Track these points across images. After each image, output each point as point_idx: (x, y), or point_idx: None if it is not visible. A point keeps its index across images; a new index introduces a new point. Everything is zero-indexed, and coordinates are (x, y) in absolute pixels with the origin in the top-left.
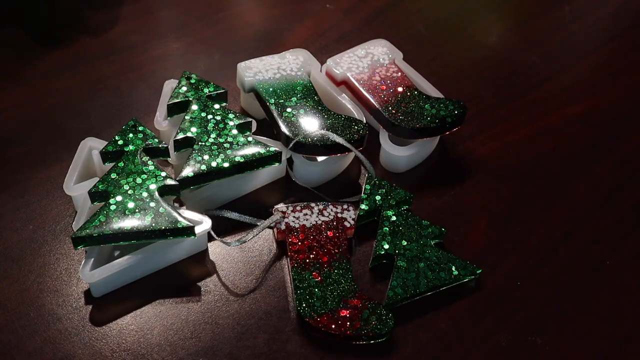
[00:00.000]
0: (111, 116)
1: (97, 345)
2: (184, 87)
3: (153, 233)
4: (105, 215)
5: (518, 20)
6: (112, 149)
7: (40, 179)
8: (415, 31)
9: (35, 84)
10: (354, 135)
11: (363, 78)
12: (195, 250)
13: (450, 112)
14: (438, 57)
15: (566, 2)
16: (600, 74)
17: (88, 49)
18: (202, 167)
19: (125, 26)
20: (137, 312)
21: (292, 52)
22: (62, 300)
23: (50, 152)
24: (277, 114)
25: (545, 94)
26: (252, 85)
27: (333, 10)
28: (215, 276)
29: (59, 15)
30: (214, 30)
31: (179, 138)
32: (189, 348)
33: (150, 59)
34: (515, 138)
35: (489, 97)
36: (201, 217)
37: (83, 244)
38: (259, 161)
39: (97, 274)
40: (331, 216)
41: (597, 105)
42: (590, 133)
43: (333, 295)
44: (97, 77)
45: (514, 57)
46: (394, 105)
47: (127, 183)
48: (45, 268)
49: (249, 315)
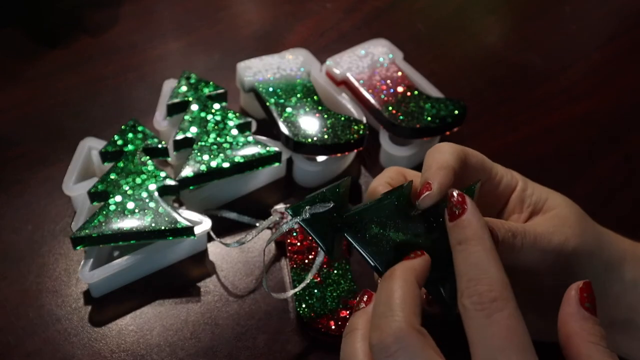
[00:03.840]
0: (111, 116)
1: (96, 345)
2: (184, 87)
3: (152, 233)
4: (105, 216)
5: (518, 20)
6: (112, 149)
7: (39, 179)
8: (415, 31)
9: (35, 84)
10: (354, 135)
11: (363, 78)
12: (194, 251)
13: (450, 112)
14: (438, 57)
15: (566, 2)
16: (600, 74)
17: (88, 49)
18: (202, 167)
19: (125, 26)
20: (136, 313)
21: (292, 52)
22: (61, 301)
23: (49, 152)
24: (277, 114)
25: (545, 94)
26: (252, 85)
27: (333, 10)
28: (214, 277)
29: (59, 15)
30: (214, 30)
31: (178, 138)
32: (189, 348)
33: (150, 59)
34: (515, 138)
35: (489, 97)
36: (201, 218)
37: (82, 244)
38: (259, 161)
39: (96, 275)
40: None
41: (597, 105)
42: (590, 133)
43: (332, 295)
44: (97, 77)
45: (514, 57)
46: (394, 105)
47: (127, 183)
48: (45, 268)
49: (249, 315)
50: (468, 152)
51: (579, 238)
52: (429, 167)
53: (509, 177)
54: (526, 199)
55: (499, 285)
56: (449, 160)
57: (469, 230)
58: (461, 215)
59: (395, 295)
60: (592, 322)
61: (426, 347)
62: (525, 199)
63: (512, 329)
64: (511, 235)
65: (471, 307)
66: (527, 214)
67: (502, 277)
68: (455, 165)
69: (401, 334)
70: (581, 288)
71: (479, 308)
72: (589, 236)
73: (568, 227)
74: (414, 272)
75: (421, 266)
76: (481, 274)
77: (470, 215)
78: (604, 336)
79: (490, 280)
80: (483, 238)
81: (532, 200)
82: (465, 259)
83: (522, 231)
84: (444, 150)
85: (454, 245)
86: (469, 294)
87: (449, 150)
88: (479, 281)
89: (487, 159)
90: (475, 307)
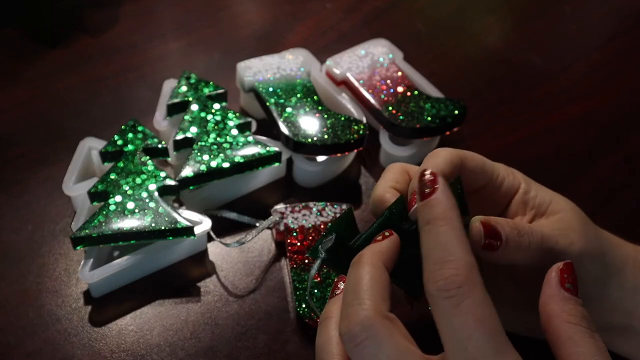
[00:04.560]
0: (111, 116)
1: (96, 345)
2: (184, 87)
3: (152, 233)
4: (105, 216)
5: (518, 20)
6: (112, 149)
7: (39, 179)
8: (415, 31)
9: (35, 84)
10: (354, 135)
11: (363, 78)
12: (194, 251)
13: (450, 112)
14: (438, 57)
15: (566, 2)
16: (600, 74)
17: (88, 49)
18: (202, 167)
19: (125, 26)
20: (136, 313)
21: (292, 52)
22: (61, 301)
23: (49, 152)
24: (277, 114)
25: (545, 94)
26: (252, 85)
27: (333, 10)
28: (214, 277)
29: (59, 15)
30: (214, 30)
31: (178, 138)
32: (189, 349)
33: (150, 59)
34: (515, 138)
35: (489, 97)
36: (201, 218)
37: (82, 244)
38: (259, 161)
39: (96, 275)
40: (330, 216)
41: (597, 105)
42: (590, 133)
43: None
44: (97, 77)
45: (514, 57)
46: (394, 105)
47: (127, 183)
48: (45, 268)
49: (249, 315)
50: (466, 156)
51: (584, 242)
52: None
53: (511, 179)
54: (529, 202)
55: (465, 269)
56: (440, 165)
57: (437, 209)
58: (431, 194)
59: (362, 282)
60: (572, 302)
61: (394, 334)
62: (528, 201)
63: (481, 317)
64: (517, 233)
65: (437, 294)
66: (530, 216)
67: (469, 260)
68: (447, 170)
69: (368, 323)
70: (561, 269)
71: (445, 295)
72: (592, 241)
73: (572, 231)
74: (381, 256)
75: (389, 248)
76: (447, 256)
77: (440, 194)
78: (585, 316)
79: (456, 263)
80: (451, 218)
81: (535, 202)
82: (432, 239)
83: (529, 230)
84: (438, 156)
85: (422, 225)
86: (434, 278)
87: (443, 155)
88: (444, 264)
89: (488, 160)
90: (441, 294)
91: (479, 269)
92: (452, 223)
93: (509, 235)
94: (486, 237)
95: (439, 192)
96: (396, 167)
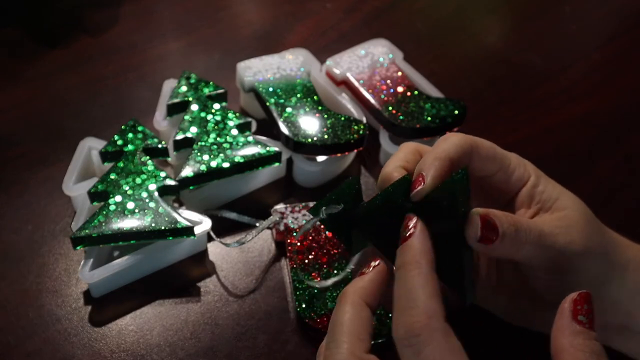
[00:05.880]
0: (111, 116)
1: (96, 345)
2: (184, 87)
3: (152, 233)
4: (105, 216)
5: (518, 20)
6: (112, 149)
7: (39, 179)
8: (415, 31)
9: (35, 84)
10: (354, 135)
11: (363, 78)
12: (194, 251)
13: (450, 112)
14: (438, 57)
15: (566, 2)
16: (600, 74)
17: (88, 49)
18: (202, 167)
19: (125, 26)
20: (136, 313)
21: (292, 52)
22: (61, 301)
23: (49, 152)
24: (277, 114)
25: (545, 94)
26: (252, 85)
27: (333, 10)
28: (214, 277)
29: (59, 15)
30: (214, 30)
31: (178, 138)
32: (189, 349)
33: (150, 59)
34: (515, 138)
35: (489, 97)
36: (201, 218)
37: (82, 244)
38: (259, 161)
39: (96, 275)
40: None
41: (597, 105)
42: (590, 133)
43: (332, 295)
44: (97, 77)
45: (514, 57)
46: (394, 105)
47: (127, 183)
48: (45, 268)
49: (249, 315)
50: (477, 143)
51: (585, 242)
52: (427, 157)
53: (521, 170)
54: (536, 196)
55: (425, 316)
56: (449, 150)
57: (408, 255)
58: (407, 239)
59: (341, 323)
60: (583, 337)
61: None
62: (535, 195)
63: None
64: (514, 229)
65: (399, 342)
66: (534, 210)
67: (430, 306)
68: (455, 155)
69: None
70: (575, 300)
71: (406, 344)
72: (595, 241)
73: (575, 230)
74: (362, 293)
75: (372, 281)
76: (409, 303)
77: (414, 240)
78: (595, 351)
79: (417, 310)
80: (420, 263)
81: (541, 197)
82: (400, 285)
83: (527, 227)
84: (448, 141)
85: (395, 270)
86: (396, 326)
87: (453, 141)
88: (405, 311)
89: (499, 149)
90: (403, 342)
91: (443, 315)
92: (420, 268)
93: (506, 230)
94: (483, 230)
95: (413, 238)
96: (409, 147)
